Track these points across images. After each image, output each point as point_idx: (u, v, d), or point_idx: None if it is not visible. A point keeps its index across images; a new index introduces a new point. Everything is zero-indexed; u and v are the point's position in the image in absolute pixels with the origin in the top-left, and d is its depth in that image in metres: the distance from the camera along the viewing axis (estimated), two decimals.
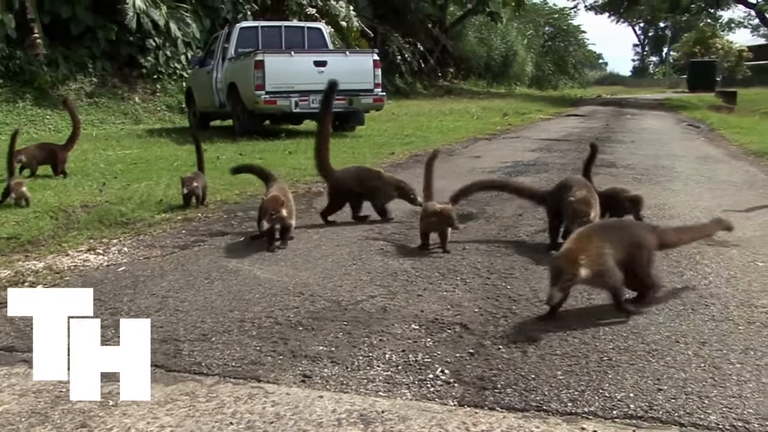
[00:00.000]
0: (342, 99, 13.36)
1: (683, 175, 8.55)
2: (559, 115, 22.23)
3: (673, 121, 19.96)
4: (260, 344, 3.17)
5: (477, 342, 3.21)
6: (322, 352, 3.08)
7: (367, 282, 4.14)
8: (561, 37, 54.86)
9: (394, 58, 30.06)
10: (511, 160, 9.99)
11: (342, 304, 3.72)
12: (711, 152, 11.57)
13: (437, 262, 4.59)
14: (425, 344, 3.18)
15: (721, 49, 66.34)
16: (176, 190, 7.07)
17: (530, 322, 3.46)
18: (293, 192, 7.27)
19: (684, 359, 2.99)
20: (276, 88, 12.89)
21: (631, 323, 3.42)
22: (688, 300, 3.79)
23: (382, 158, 10.34)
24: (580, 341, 3.19)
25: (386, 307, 3.66)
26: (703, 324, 3.42)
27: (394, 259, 4.65)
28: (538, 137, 13.96)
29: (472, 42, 39.90)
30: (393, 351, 3.10)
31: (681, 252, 4.80)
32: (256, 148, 11.42)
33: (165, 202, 6.56)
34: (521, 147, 12.15)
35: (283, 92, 12.94)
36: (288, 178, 8.12)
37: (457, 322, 3.46)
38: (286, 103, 12.93)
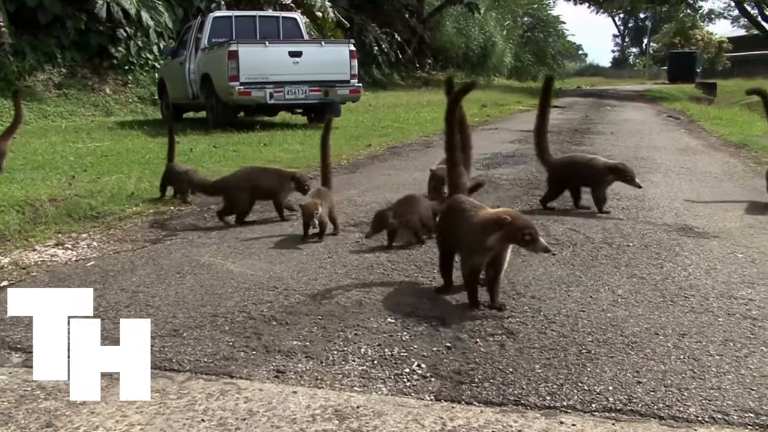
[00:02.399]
0: (317, 90, 13.32)
1: (663, 167, 8.61)
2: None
3: (653, 113, 20.12)
4: (233, 339, 3.14)
5: (454, 335, 3.20)
6: (296, 347, 3.06)
7: (342, 275, 4.12)
8: (540, 28, 55.03)
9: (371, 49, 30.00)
10: (490, 152, 10.01)
11: (317, 298, 3.70)
12: (691, 144, 11.67)
13: (414, 255, 4.58)
14: (401, 338, 3.17)
15: (702, 41, 67.05)
16: (148, 183, 7.00)
17: (506, 313, 3.46)
18: None
19: (663, 351, 3.00)
20: (250, 79, 12.82)
21: (610, 315, 3.43)
22: (668, 292, 3.81)
23: (359, 150, 10.32)
24: (558, 334, 3.20)
25: (362, 301, 3.65)
26: (682, 316, 3.44)
27: (370, 252, 4.64)
28: (517, 129, 14.00)
29: (450, 33, 39.88)
30: (368, 345, 3.09)
31: (661, 243, 4.84)
32: (231, 140, 11.35)
33: (136, 195, 6.48)
34: (500, 138, 12.18)
35: (257, 83, 12.86)
36: None
37: (434, 315, 3.45)
38: (260, 95, 12.87)
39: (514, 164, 8.86)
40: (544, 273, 4.16)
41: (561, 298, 3.70)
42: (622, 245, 4.81)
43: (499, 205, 6.04)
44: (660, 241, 4.94)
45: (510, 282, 3.97)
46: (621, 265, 4.34)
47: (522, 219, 3.37)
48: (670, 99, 28.29)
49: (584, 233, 5.14)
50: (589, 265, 4.32)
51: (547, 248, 3.39)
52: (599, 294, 3.77)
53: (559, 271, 4.21)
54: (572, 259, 4.48)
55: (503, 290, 3.79)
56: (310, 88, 13.28)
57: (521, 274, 4.12)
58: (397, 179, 7.55)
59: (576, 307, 3.55)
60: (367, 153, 10.01)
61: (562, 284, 3.93)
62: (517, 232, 3.31)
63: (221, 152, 9.65)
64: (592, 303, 3.62)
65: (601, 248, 4.73)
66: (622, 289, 3.86)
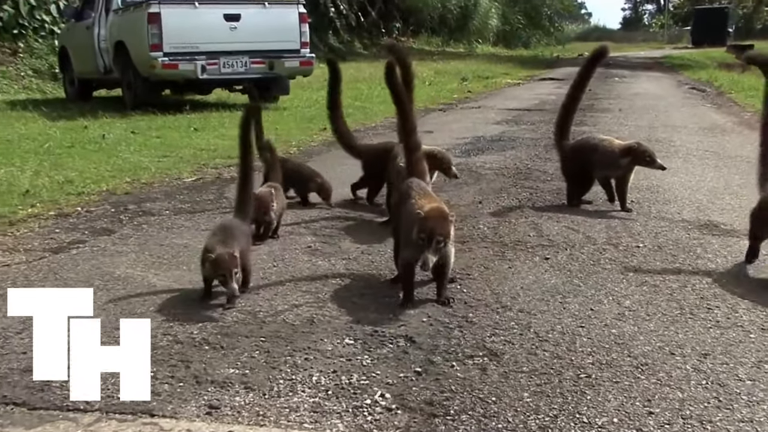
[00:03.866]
0: (260, 62, 13.27)
1: (683, 150, 8.75)
2: (531, 80, 22.51)
3: (673, 84, 20.37)
4: (155, 369, 3.14)
5: (425, 358, 3.24)
6: (233, 377, 3.08)
7: (290, 288, 4.15)
8: None
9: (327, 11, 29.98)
10: (471, 136, 10.09)
11: (259, 316, 3.71)
12: (719, 121, 11.86)
13: (377, 261, 4.62)
14: (361, 362, 3.20)
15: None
16: (48, 178, 6.95)
17: (488, 331, 3.51)
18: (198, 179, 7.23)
19: (681, 375, 3.06)
20: (177, 49, 12.71)
21: (615, 331, 3.49)
22: (687, 302, 3.88)
23: (312, 135, 10.32)
24: (551, 354, 3.25)
25: (314, 318, 3.67)
26: (704, 332, 3.50)
27: (325, 259, 4.66)
28: (505, 107, 14.11)
29: None
30: (322, 372, 3.11)
31: (679, 244, 4.92)
32: (153, 124, 11.28)
33: (33, 193, 6.43)
34: (483, 119, 12.27)
35: (186, 54, 12.76)
36: (194, 162, 8.06)
37: (401, 334, 3.49)
38: (189, 68, 12.77)
39: (500, 150, 8.94)
40: (535, 281, 4.22)
41: (555, 312, 3.76)
42: (630, 246, 4.89)
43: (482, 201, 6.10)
44: (677, 240, 5.02)
45: (494, 292, 4.02)
46: (629, 270, 4.41)
47: (432, 220, 3.68)
48: (694, 67, 28.52)
49: (584, 232, 5.23)
50: (590, 271, 4.40)
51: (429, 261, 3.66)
52: (602, 306, 3.84)
53: (553, 278, 4.27)
54: (569, 263, 4.55)
55: (485, 302, 3.84)
56: (251, 59, 13.22)
57: (507, 283, 4.18)
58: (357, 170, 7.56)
59: (573, 323, 3.61)
60: (322, 138, 10.02)
61: (557, 294, 3.99)
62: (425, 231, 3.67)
63: (141, 139, 9.60)
64: (593, 317, 3.68)
65: (605, 250, 4.81)
66: (630, 299, 3.93)
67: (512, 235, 5.19)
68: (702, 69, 26.79)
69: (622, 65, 30.95)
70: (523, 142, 9.44)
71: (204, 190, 6.77)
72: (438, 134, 10.24)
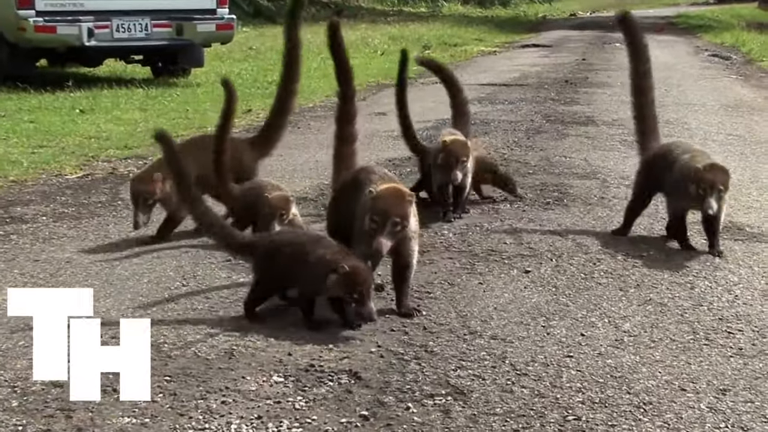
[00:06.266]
0: (165, 25, 13.13)
1: (700, 134, 8.87)
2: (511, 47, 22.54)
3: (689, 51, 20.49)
4: (25, 421, 3.14)
5: (374, 398, 3.28)
6: (128, 428, 3.09)
7: (204, 312, 4.17)
8: None
9: None
10: (434, 119, 10.07)
11: (163, 350, 3.72)
12: (745, 97, 12.03)
13: None
14: (294, 405, 3.23)
15: None
16: None
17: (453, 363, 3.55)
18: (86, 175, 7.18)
19: (694, 417, 3.12)
20: (54, 6, 12.55)
21: (612, 362, 3.56)
22: (702, 325, 3.96)
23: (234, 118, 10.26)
24: (531, 392, 3.30)
25: (233, 351, 3.69)
26: (724, 362, 3.58)
27: (247, 276, 4.65)
28: (476, 82, 14.12)
29: None
30: (243, 419, 3.13)
31: (691, 251, 4.99)
32: (25, 104, 11.11)
33: None
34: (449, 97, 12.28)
35: (66, 13, 12.61)
36: (79, 153, 7.99)
37: (344, 369, 3.52)
38: (72, 32, 12.57)
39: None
40: (513, 300, 4.28)
41: (537, 339, 3.81)
42: (630, 256, 4.98)
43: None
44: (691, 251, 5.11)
45: (460, 315, 4.07)
46: (629, 286, 4.49)
47: (385, 200, 3.89)
48: (716, 28, 28.57)
49: (574, 239, 5.31)
50: (581, 287, 4.47)
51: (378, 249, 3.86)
52: (595, 330, 3.91)
53: (534, 296, 4.34)
54: (555, 277, 4.62)
55: (448, 327, 3.88)
56: (153, 21, 13.12)
57: (477, 303, 4.23)
58: (292, 162, 7.59)
59: (559, 351, 3.67)
60: (245, 123, 10.00)
61: (539, 316, 4.05)
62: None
63: (9, 124, 9.43)
64: (583, 344, 3.75)
65: (599, 260, 4.89)
66: (631, 321, 4.01)
67: (484, 242, 5.25)
68: (726, 30, 26.78)
69: None
70: (499, 126, 9.48)
71: (93, 189, 6.71)
72: (393, 116, 10.15)
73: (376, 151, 8.07)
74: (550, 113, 10.20)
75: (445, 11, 38.59)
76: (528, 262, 4.82)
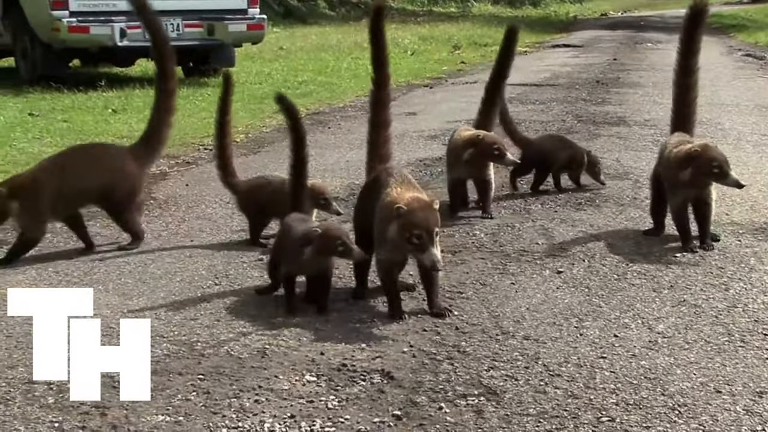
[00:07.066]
0: (196, 25, 13.17)
1: (733, 134, 8.80)
2: (542, 47, 22.49)
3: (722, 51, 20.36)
4: (61, 418, 3.16)
5: (407, 398, 3.27)
6: (163, 426, 3.10)
7: (237, 312, 4.17)
8: None
9: None
10: (464, 119, 10.02)
11: (196, 348, 3.73)
12: None
13: (347, 275, 4.66)
14: (327, 405, 3.23)
15: None
16: None
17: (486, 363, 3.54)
18: None
19: (730, 419, 3.10)
20: (88, 7, 12.60)
21: (645, 364, 3.53)
22: (737, 327, 3.93)
23: (264, 119, 10.30)
24: (565, 393, 3.29)
25: (266, 350, 3.70)
26: (760, 364, 3.55)
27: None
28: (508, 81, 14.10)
29: None
30: (276, 418, 3.13)
31: (726, 253, 4.97)
32: (58, 104, 11.19)
33: None
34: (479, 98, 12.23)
35: (99, 13, 12.66)
36: None
37: (377, 368, 3.52)
38: (105, 32, 12.64)
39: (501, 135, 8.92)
40: (545, 300, 4.27)
41: (570, 339, 3.80)
42: (664, 257, 4.96)
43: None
44: (725, 249, 5.09)
45: (492, 315, 4.06)
46: (663, 287, 4.47)
47: (420, 212, 3.88)
48: (751, 28, 28.35)
49: (606, 239, 5.29)
50: (614, 288, 4.45)
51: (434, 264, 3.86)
52: (628, 331, 3.89)
53: (567, 297, 4.33)
54: (587, 278, 4.60)
55: (481, 327, 3.87)
56: (184, 21, 13.16)
57: (509, 303, 4.22)
58: (323, 162, 7.59)
59: (593, 353, 3.66)
60: (275, 123, 10.00)
61: (572, 317, 4.04)
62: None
63: (43, 123, 9.53)
64: (617, 345, 3.73)
65: (633, 261, 4.86)
66: (665, 323, 3.98)
67: (516, 242, 5.25)
68: (761, 30, 26.51)
69: (657, 27, 30.83)
70: (530, 126, 9.43)
71: None
72: (423, 116, 10.26)
73: (407, 151, 8.04)
74: (582, 113, 10.15)
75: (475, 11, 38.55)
76: (560, 263, 4.81)
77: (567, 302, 4.23)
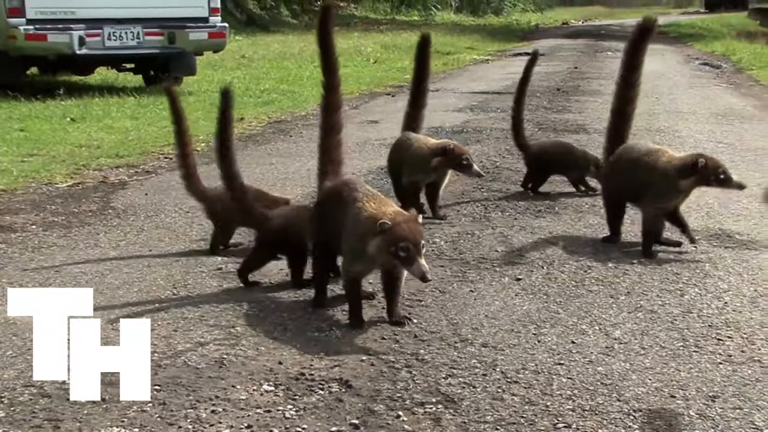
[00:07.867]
0: (157, 33, 13.11)
1: (690, 142, 8.86)
2: (503, 55, 22.59)
3: (679, 60, 20.55)
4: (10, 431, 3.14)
5: (364, 407, 3.27)
6: None
7: (194, 321, 4.15)
8: None
9: None
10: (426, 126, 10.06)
11: (153, 359, 3.69)
12: (736, 105, 12.03)
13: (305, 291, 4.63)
14: (284, 414, 3.22)
15: None
16: None
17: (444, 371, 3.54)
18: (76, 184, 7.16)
19: (683, 423, 3.12)
20: (45, 14, 12.46)
21: (602, 369, 3.55)
22: (692, 332, 3.96)
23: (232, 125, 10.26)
24: (522, 400, 3.30)
25: (224, 360, 3.68)
26: (713, 368, 3.57)
27: (239, 284, 4.68)
28: (469, 90, 14.16)
29: None
30: (233, 428, 3.12)
31: (682, 259, 5.01)
32: (16, 112, 11.08)
33: None
34: (442, 105, 12.27)
35: (58, 21, 12.60)
36: (70, 162, 7.98)
37: (335, 377, 3.51)
38: (63, 40, 12.54)
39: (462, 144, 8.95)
40: (504, 307, 4.28)
41: (528, 346, 3.81)
42: (621, 263, 4.98)
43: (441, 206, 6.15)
44: (681, 255, 5.13)
45: (451, 323, 4.07)
46: (620, 293, 4.50)
47: (406, 226, 3.86)
48: (707, 37, 28.72)
49: (565, 246, 5.31)
50: (572, 294, 4.47)
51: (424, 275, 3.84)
52: (585, 337, 3.91)
53: (525, 303, 4.34)
54: (546, 285, 4.62)
55: (439, 335, 3.88)
56: (144, 29, 13.11)
57: (468, 311, 4.23)
58: (284, 170, 7.59)
59: (550, 359, 3.67)
60: (238, 131, 9.99)
61: (530, 324, 4.05)
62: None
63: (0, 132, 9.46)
64: (574, 351, 3.75)
65: (590, 268, 4.89)
66: (621, 329, 4.00)
67: (476, 250, 5.26)
68: (716, 40, 26.98)
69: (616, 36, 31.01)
70: (491, 134, 9.50)
71: (83, 198, 6.71)
72: (386, 125, 10.25)
73: (368, 159, 8.06)
74: (542, 121, 10.22)
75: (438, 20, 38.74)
76: (519, 270, 4.82)
77: (525, 309, 4.24)
